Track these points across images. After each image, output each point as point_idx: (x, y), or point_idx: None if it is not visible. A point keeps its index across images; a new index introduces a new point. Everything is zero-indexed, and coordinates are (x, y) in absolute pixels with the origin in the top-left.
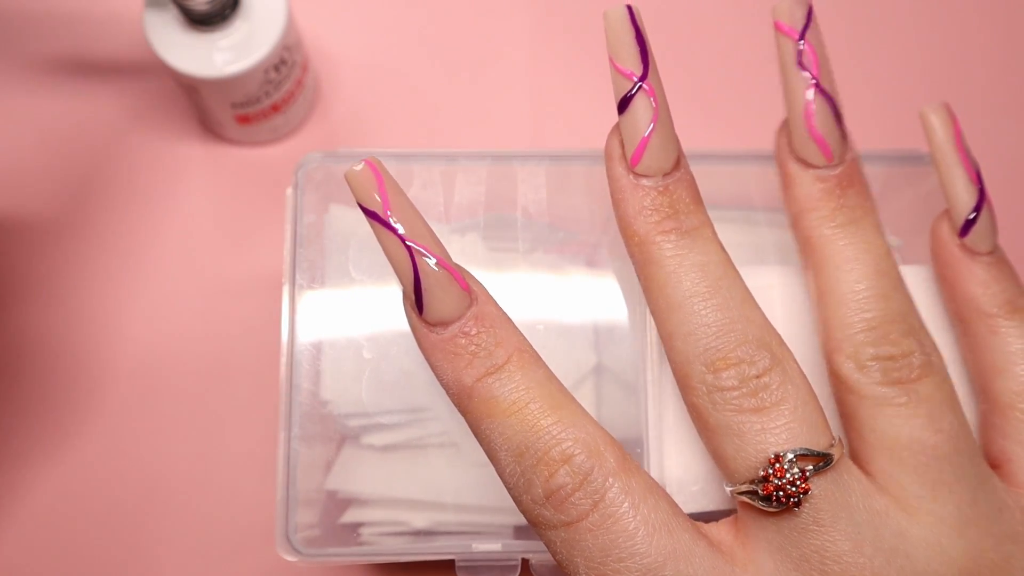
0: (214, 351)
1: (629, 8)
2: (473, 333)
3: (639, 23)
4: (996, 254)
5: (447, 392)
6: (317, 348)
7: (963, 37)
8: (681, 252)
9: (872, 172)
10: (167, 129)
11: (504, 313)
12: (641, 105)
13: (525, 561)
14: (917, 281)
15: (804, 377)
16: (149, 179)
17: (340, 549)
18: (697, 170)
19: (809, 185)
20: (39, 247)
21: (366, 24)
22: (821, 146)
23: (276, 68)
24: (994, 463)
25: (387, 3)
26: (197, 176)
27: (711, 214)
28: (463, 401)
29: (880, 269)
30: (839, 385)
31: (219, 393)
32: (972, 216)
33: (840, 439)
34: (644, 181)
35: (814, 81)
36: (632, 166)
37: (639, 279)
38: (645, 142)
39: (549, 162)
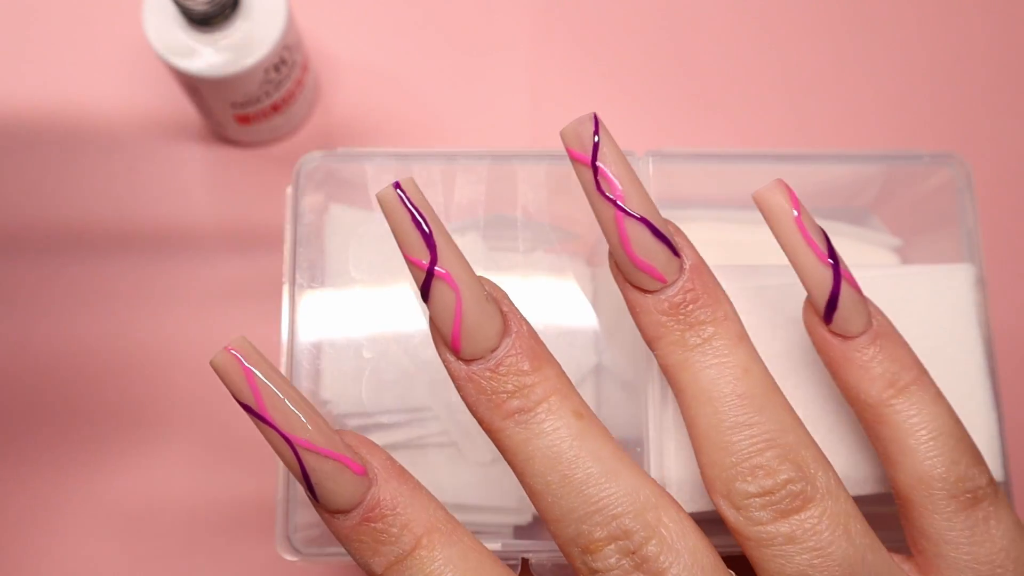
0: (214, 351)
1: (397, 185)
2: (375, 518)
3: (412, 198)
4: (871, 331)
5: None
6: (317, 348)
7: (964, 37)
8: (528, 436)
9: (872, 172)
10: (167, 129)
11: (413, 486)
12: (439, 294)
13: (525, 560)
14: (918, 282)
15: (686, 526)
16: (149, 179)
17: (340, 548)
18: (699, 170)
19: (653, 312)
20: (39, 248)
21: (366, 24)
22: (649, 271)
23: (276, 68)
24: (911, 552)
25: (387, 3)
26: (197, 176)
27: (713, 214)
28: None
29: (739, 392)
30: (726, 524)
31: (219, 393)
32: (832, 300)
33: None
34: (474, 366)
35: (619, 206)
36: (456, 354)
37: None
38: (457, 331)
39: (549, 162)
